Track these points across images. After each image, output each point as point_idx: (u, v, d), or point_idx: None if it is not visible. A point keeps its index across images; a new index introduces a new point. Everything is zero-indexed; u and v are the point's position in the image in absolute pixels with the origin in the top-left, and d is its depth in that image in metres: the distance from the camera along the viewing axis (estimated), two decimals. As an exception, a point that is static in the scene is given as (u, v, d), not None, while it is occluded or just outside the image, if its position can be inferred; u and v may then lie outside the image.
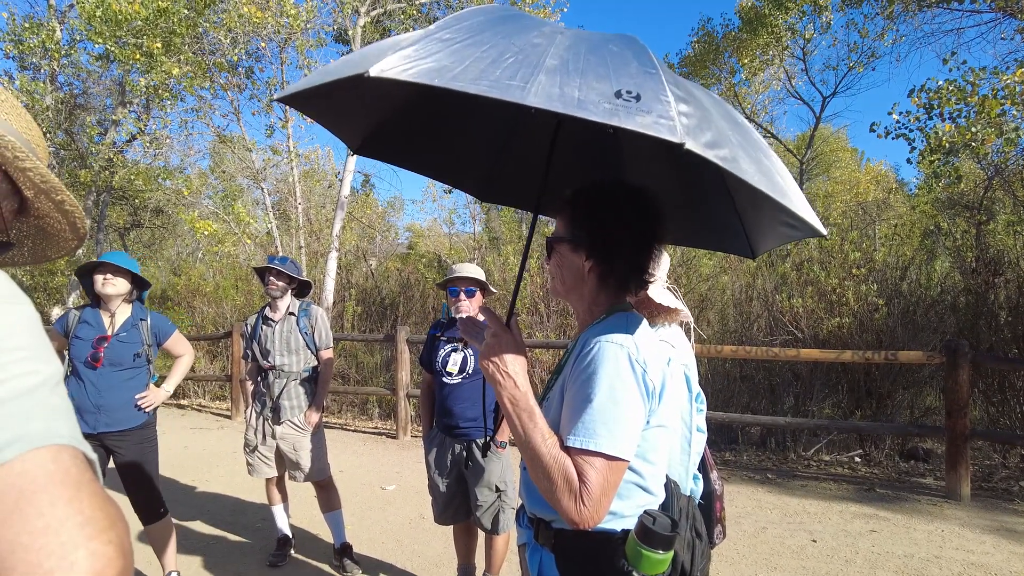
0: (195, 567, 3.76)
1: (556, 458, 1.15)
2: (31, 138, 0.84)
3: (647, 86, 0.94)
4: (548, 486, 1.15)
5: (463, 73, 0.92)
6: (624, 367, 1.20)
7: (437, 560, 3.87)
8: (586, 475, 1.13)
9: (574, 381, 1.23)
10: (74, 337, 3.19)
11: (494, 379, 1.25)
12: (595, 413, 1.16)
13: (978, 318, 6.70)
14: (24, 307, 0.61)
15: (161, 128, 11.77)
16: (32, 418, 0.54)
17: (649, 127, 0.87)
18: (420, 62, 0.92)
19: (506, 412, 1.24)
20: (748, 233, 1.60)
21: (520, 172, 1.77)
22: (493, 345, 1.28)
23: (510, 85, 0.91)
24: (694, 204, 1.69)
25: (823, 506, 4.79)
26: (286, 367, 3.70)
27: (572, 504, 1.13)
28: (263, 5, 9.67)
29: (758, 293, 8.72)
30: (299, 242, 11.24)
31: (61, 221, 0.89)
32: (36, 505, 0.50)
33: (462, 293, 3.16)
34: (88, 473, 0.55)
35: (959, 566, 3.75)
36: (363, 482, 5.48)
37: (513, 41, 1.02)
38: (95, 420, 3.12)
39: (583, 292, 1.38)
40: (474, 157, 1.78)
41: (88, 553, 0.50)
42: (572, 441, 1.16)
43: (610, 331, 1.25)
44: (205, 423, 8.23)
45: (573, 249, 1.35)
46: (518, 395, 1.23)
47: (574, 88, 0.92)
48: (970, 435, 4.98)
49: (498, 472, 3.11)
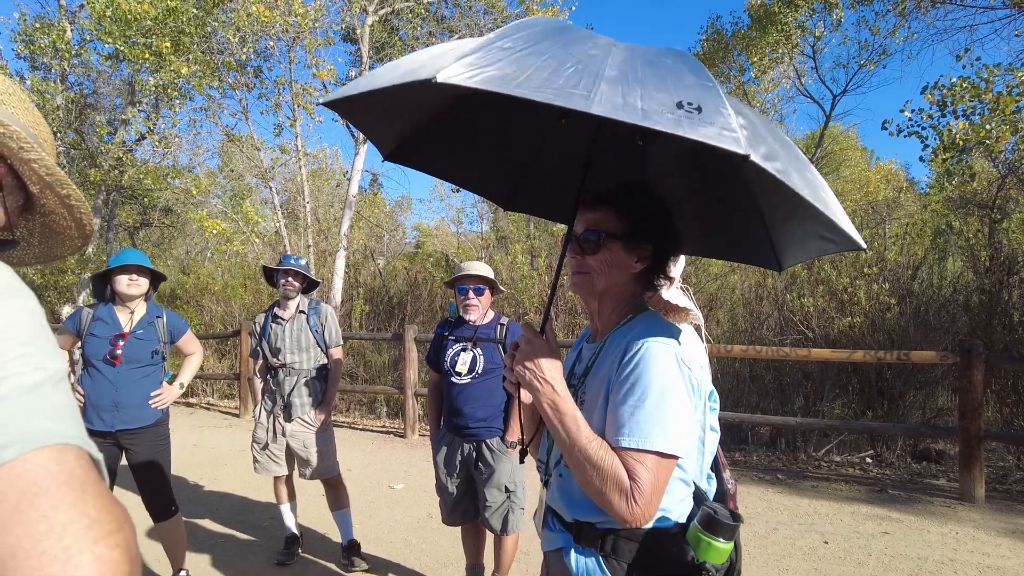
0: (203, 565, 3.76)
1: (604, 459, 1.16)
2: (39, 133, 0.83)
3: (707, 99, 0.95)
4: (599, 487, 1.16)
5: (527, 81, 0.92)
6: (673, 366, 1.21)
7: (445, 559, 3.85)
8: (637, 473, 1.14)
9: (622, 383, 1.22)
10: (88, 335, 3.19)
11: (531, 385, 1.24)
12: (648, 412, 1.17)
13: (992, 318, 6.63)
14: (26, 302, 0.59)
15: (170, 127, 11.82)
16: (34, 416, 0.52)
17: (714, 138, 0.88)
18: (484, 69, 0.94)
19: (547, 417, 1.23)
20: (775, 245, 1.58)
21: (546, 183, 1.79)
22: (527, 351, 1.27)
23: (573, 94, 0.91)
24: (714, 216, 1.69)
25: (834, 507, 4.74)
26: (296, 365, 3.69)
27: (624, 503, 1.14)
28: (271, 4, 9.69)
29: (768, 292, 8.66)
30: (307, 241, 11.26)
31: (67, 218, 0.87)
32: (38, 508, 0.48)
33: (471, 291, 3.14)
34: (93, 473, 0.54)
35: (974, 569, 3.69)
36: (371, 481, 5.48)
37: (571, 51, 1.03)
38: (113, 418, 3.13)
39: (617, 291, 1.38)
40: (501, 167, 1.80)
41: (93, 557, 0.48)
42: (626, 442, 1.17)
43: (653, 332, 1.26)
44: (213, 421, 8.25)
45: (626, 247, 1.34)
46: (558, 400, 1.22)
47: (636, 98, 0.92)
48: (984, 436, 4.92)
49: (508, 472, 3.08)
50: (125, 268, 3.19)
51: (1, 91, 0.78)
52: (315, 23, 10.24)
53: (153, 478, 3.24)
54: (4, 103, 0.77)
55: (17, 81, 11.56)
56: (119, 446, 3.20)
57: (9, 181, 0.77)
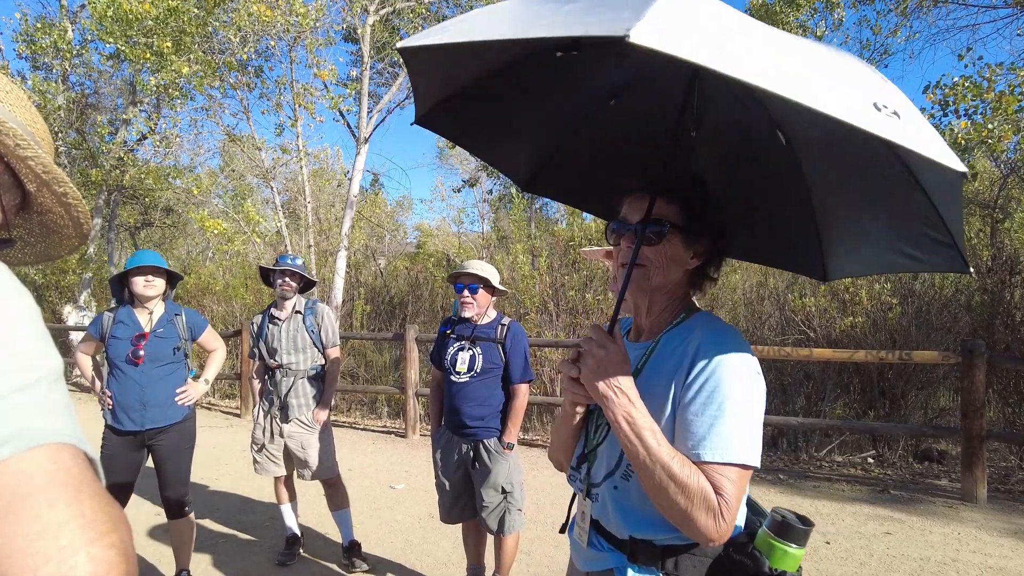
0: (204, 565, 3.76)
1: (691, 476, 1.08)
2: (36, 131, 0.82)
3: (905, 109, 0.91)
4: (683, 507, 1.08)
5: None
6: (752, 373, 1.16)
7: (446, 559, 3.84)
8: (723, 488, 1.08)
9: (698, 391, 1.14)
10: (111, 337, 3.23)
11: (605, 396, 1.14)
12: (729, 423, 1.10)
13: (994, 317, 6.61)
14: (22, 300, 0.59)
15: (171, 127, 11.84)
16: (30, 415, 0.51)
17: (937, 154, 0.84)
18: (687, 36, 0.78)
19: (620, 430, 1.13)
20: (825, 250, 1.49)
21: (577, 168, 1.70)
22: (602, 358, 1.15)
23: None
24: (758, 216, 1.59)
25: (836, 507, 4.73)
26: (293, 365, 3.69)
27: (711, 521, 1.07)
28: (272, 4, 9.69)
29: (769, 292, 8.65)
30: (308, 241, 11.27)
31: (64, 216, 0.87)
32: (33, 507, 0.47)
33: (466, 289, 3.15)
34: (89, 473, 0.53)
35: (976, 570, 3.68)
36: (372, 481, 5.47)
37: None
38: (142, 417, 3.17)
39: (670, 288, 1.30)
40: (531, 146, 1.70)
41: (89, 558, 0.47)
42: (709, 455, 1.10)
43: (725, 336, 1.19)
44: (214, 421, 8.25)
45: (685, 240, 1.26)
46: (634, 412, 1.13)
47: (842, 95, 0.86)
48: (986, 436, 4.90)
49: (504, 473, 3.08)
50: (141, 270, 3.21)
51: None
52: (316, 23, 10.24)
53: (175, 475, 3.30)
54: (1, 101, 0.77)
55: (17, 81, 11.58)
56: (145, 446, 3.24)
57: (5, 179, 0.77)
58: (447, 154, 24.37)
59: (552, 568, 3.73)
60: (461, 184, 16.88)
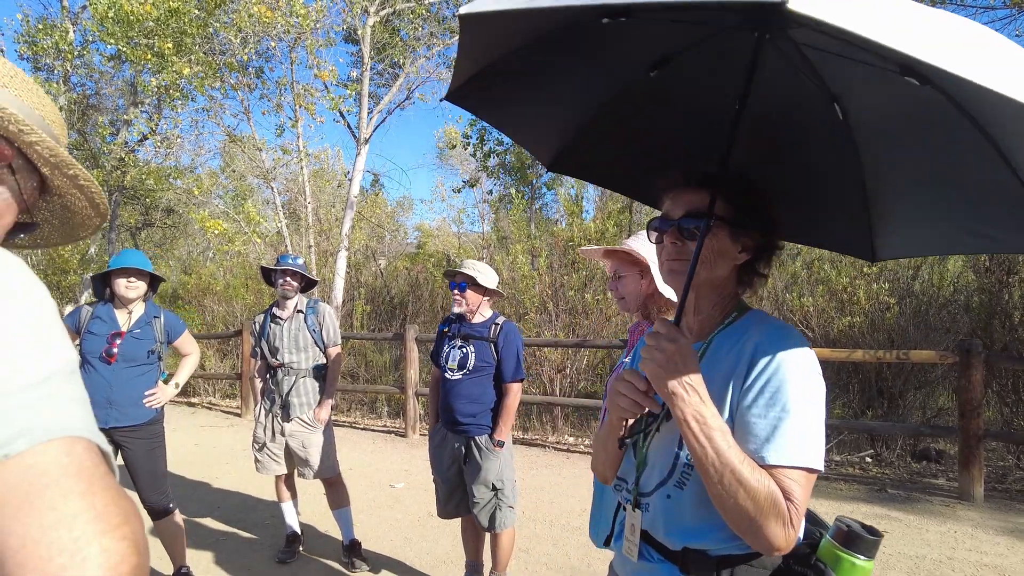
0: (205, 563, 3.79)
1: (762, 481, 1.02)
2: (45, 114, 0.83)
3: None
4: (752, 514, 1.01)
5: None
6: (814, 374, 1.11)
7: (445, 557, 3.87)
8: (793, 494, 1.03)
9: (759, 392, 1.09)
10: (87, 332, 3.23)
11: (675, 393, 1.06)
12: (794, 425, 1.05)
13: (992, 317, 6.63)
14: (37, 295, 0.60)
15: (172, 128, 11.87)
16: (44, 409, 0.53)
17: None
18: None
19: (687, 430, 1.05)
20: (874, 229, 1.42)
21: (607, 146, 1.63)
22: (673, 353, 1.07)
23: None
24: (806, 194, 1.51)
25: (833, 506, 4.75)
26: (295, 364, 3.72)
27: (780, 529, 1.01)
28: (273, 5, 9.72)
29: (768, 292, 8.65)
30: (309, 241, 11.30)
31: (80, 198, 0.88)
32: (48, 499, 0.49)
33: (456, 287, 3.21)
34: (102, 466, 0.54)
35: (972, 567, 3.71)
36: (372, 480, 5.50)
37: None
38: (106, 415, 3.16)
39: (718, 285, 1.24)
40: (560, 122, 1.62)
41: (101, 549, 0.48)
42: (774, 458, 1.04)
43: (785, 335, 1.13)
44: (215, 421, 8.28)
45: (732, 234, 1.20)
46: (705, 412, 1.05)
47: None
48: (984, 436, 4.93)
49: (495, 470, 3.12)
50: (124, 271, 3.23)
51: (3, 74, 0.78)
52: (316, 24, 10.27)
53: (148, 476, 3.27)
54: (6, 86, 0.77)
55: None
56: (115, 443, 3.22)
57: (20, 163, 0.78)
58: (447, 155, 24.42)
59: (550, 566, 3.76)
60: (461, 184, 16.90)
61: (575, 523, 4.38)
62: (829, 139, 1.33)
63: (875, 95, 1.20)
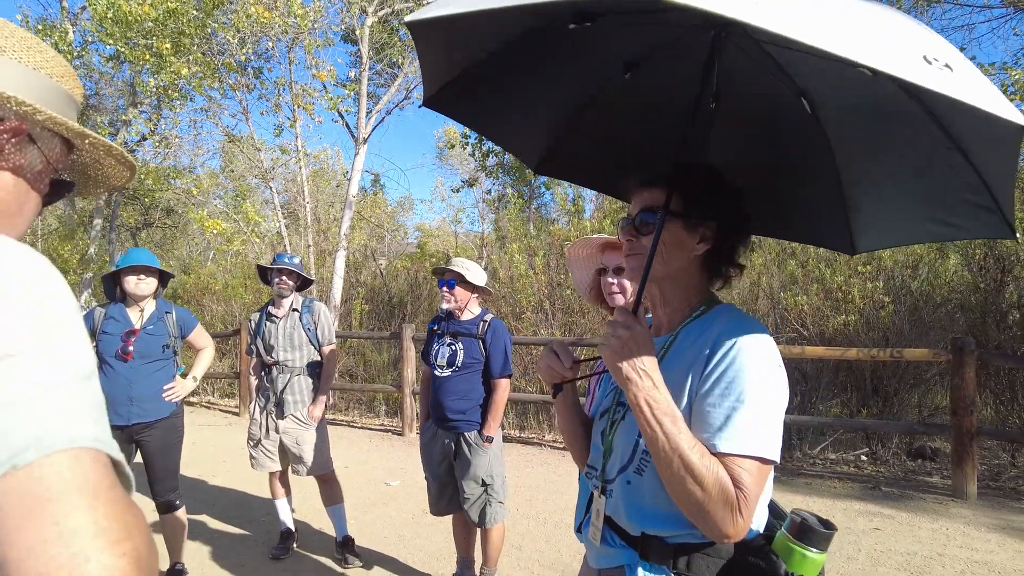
0: (200, 559, 3.81)
1: (709, 467, 1.03)
2: (51, 71, 0.80)
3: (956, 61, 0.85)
4: (700, 499, 1.03)
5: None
6: (773, 365, 1.11)
7: (438, 553, 3.89)
8: (742, 482, 1.03)
9: (715, 381, 1.10)
10: (102, 333, 3.29)
11: (628, 379, 1.08)
12: (748, 414, 1.06)
13: (987, 316, 6.64)
14: (56, 297, 0.59)
15: (171, 128, 11.90)
16: (53, 418, 0.52)
17: (994, 107, 0.78)
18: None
19: (641, 416, 1.07)
20: (852, 223, 1.44)
21: (588, 146, 1.64)
22: (627, 339, 1.09)
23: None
24: (781, 190, 1.53)
25: (827, 504, 4.77)
26: (289, 362, 3.75)
27: (728, 516, 1.02)
28: (271, 5, 9.75)
29: (764, 291, 8.67)
30: (308, 241, 11.33)
31: (105, 156, 0.88)
32: (51, 513, 0.48)
33: (445, 284, 3.24)
34: (109, 478, 0.53)
35: (962, 564, 3.72)
36: (368, 478, 5.52)
37: None
38: (128, 411, 3.22)
39: (681, 278, 1.26)
40: (541, 125, 1.64)
41: (100, 566, 0.47)
42: (725, 446, 1.05)
43: (745, 327, 1.14)
44: (213, 420, 8.31)
45: (686, 227, 1.21)
46: (658, 397, 1.07)
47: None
48: (976, 433, 4.94)
49: (485, 466, 3.15)
50: (133, 268, 3.28)
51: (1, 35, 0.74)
52: (314, 24, 10.29)
53: (163, 471, 3.35)
54: (4, 50, 0.73)
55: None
56: (133, 441, 3.29)
57: (37, 130, 0.75)
58: (447, 154, 24.45)
59: (542, 562, 3.78)
60: (460, 184, 16.92)
61: (568, 520, 4.40)
62: (802, 134, 1.35)
63: (839, 88, 1.22)
